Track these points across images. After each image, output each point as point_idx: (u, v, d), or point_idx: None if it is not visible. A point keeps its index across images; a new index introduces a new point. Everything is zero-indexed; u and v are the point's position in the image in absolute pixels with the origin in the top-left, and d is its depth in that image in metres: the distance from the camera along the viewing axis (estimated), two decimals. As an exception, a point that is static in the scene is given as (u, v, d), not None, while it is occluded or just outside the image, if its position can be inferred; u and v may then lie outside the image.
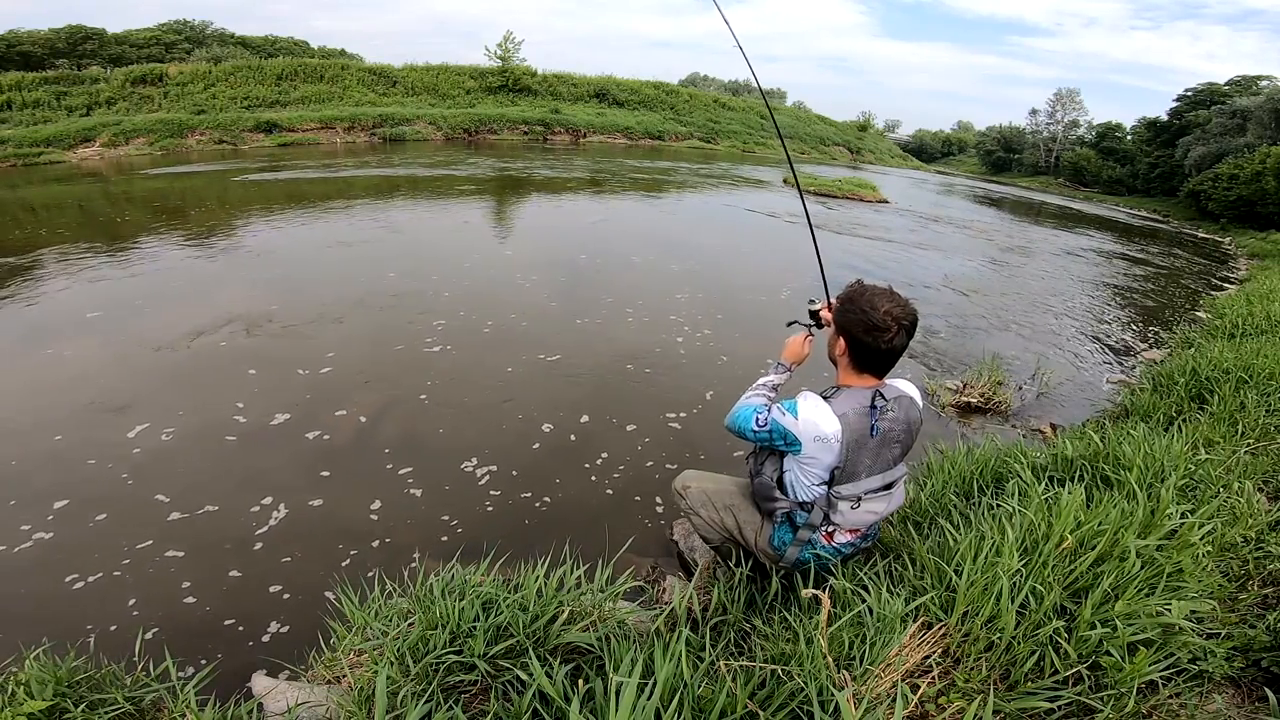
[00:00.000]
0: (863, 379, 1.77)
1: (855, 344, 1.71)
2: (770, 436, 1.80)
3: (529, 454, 3.47)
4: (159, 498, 2.95)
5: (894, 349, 1.67)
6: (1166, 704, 1.47)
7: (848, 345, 1.74)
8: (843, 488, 1.75)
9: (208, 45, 33.20)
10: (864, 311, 1.66)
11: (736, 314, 6.11)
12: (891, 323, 1.63)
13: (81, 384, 4.04)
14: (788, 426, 1.72)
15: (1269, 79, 37.13)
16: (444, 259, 7.51)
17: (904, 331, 1.65)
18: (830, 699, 1.29)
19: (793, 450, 1.77)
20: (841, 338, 1.76)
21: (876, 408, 1.72)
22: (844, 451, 1.69)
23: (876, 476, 1.78)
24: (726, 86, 66.41)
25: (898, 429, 1.78)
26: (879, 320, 1.63)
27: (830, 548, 1.90)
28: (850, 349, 1.74)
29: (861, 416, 1.71)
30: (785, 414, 1.73)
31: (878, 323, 1.64)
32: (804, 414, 1.70)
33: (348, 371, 4.35)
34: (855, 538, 1.92)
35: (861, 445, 1.72)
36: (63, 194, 11.97)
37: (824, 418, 1.68)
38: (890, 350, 1.67)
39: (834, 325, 1.80)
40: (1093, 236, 17.09)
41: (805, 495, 1.83)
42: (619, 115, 30.59)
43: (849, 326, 1.71)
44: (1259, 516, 2.22)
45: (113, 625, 2.23)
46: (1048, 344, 6.35)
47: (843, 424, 1.68)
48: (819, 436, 1.69)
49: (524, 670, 1.45)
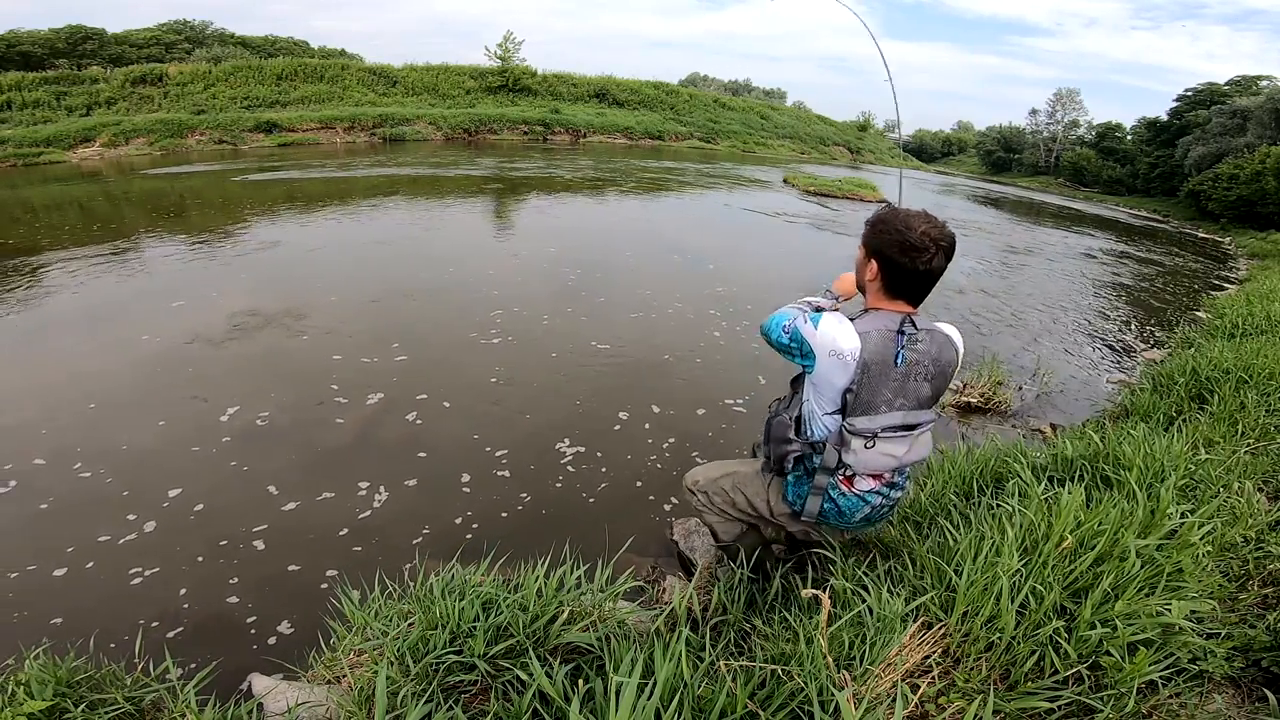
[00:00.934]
0: (894, 304, 1.62)
1: (888, 265, 1.57)
2: (790, 345, 1.66)
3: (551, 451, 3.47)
4: (161, 494, 2.96)
5: (932, 271, 1.53)
6: (1166, 704, 1.47)
7: (880, 267, 1.59)
8: (857, 420, 1.61)
9: (208, 45, 33.19)
10: (899, 231, 1.52)
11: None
12: (929, 243, 1.50)
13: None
14: (806, 335, 1.60)
15: (1269, 79, 37.16)
16: (491, 255, 7.76)
17: (942, 253, 1.52)
18: (830, 699, 1.29)
19: (807, 365, 1.65)
20: (873, 260, 1.60)
21: (905, 334, 1.57)
22: (859, 372, 1.56)
23: (897, 414, 1.62)
24: (726, 86, 66.50)
25: (926, 363, 1.62)
26: (916, 240, 1.50)
27: (853, 497, 1.75)
28: (883, 271, 1.59)
29: (886, 340, 1.57)
30: (807, 323, 1.61)
31: (915, 242, 1.50)
32: (824, 326, 1.58)
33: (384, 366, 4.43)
34: (880, 485, 1.76)
35: (882, 373, 1.58)
36: (69, 193, 11.98)
37: (844, 333, 1.56)
38: (928, 272, 1.53)
39: (863, 249, 1.65)
40: (1093, 236, 17.09)
41: (819, 432, 1.71)
42: (619, 115, 30.58)
43: (882, 247, 1.56)
44: (1259, 516, 2.22)
45: (112, 625, 2.23)
46: (1048, 344, 6.35)
47: (863, 342, 1.55)
48: (835, 351, 1.56)
49: (524, 670, 1.45)
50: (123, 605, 2.34)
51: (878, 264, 1.59)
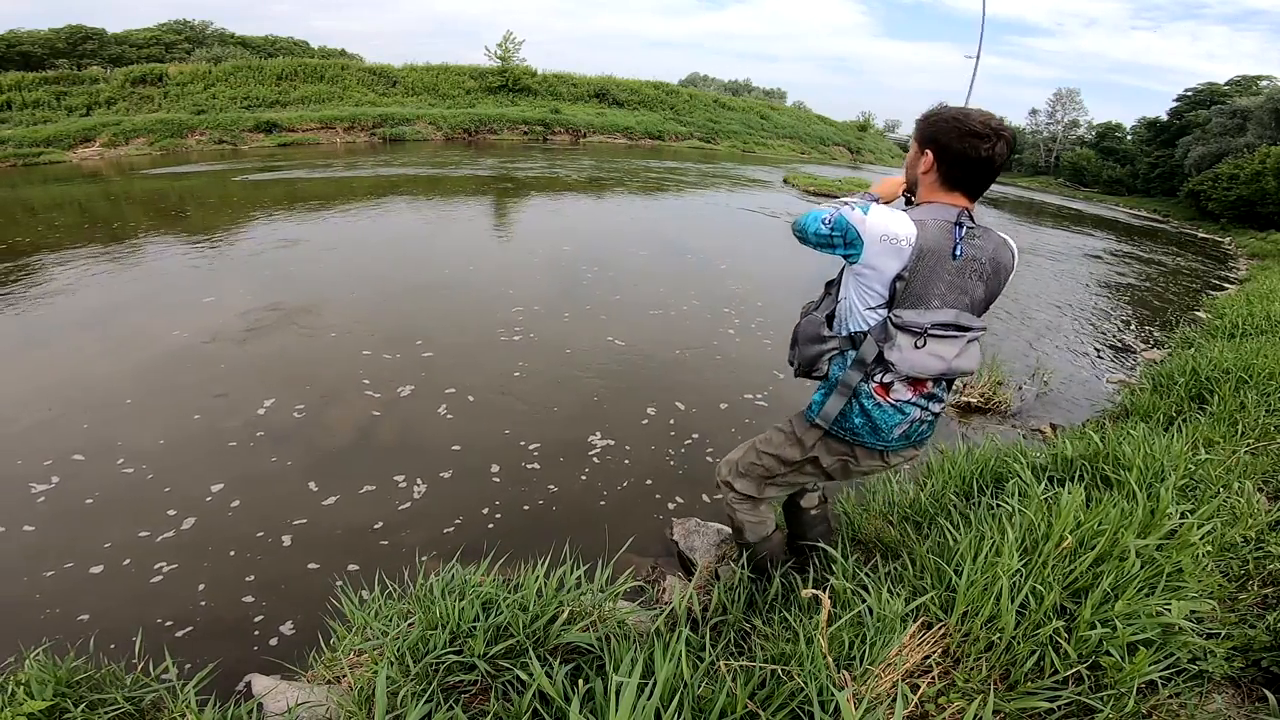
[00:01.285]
0: (951, 196, 1.49)
1: (946, 153, 1.44)
2: (831, 235, 1.51)
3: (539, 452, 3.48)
4: (202, 489, 2.99)
5: (993, 160, 1.42)
6: (1166, 704, 1.47)
7: (936, 157, 1.47)
8: (905, 313, 1.45)
9: (208, 45, 33.18)
10: (956, 119, 1.42)
11: (781, 314, 6.18)
12: (990, 130, 1.39)
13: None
14: (853, 222, 1.46)
15: (1269, 79, 37.16)
16: (508, 253, 7.91)
17: (1004, 142, 1.41)
18: (830, 699, 1.29)
19: (852, 253, 1.49)
20: (929, 150, 1.47)
21: (962, 226, 1.45)
22: (914, 259, 1.42)
23: (950, 311, 1.47)
24: (726, 86, 66.52)
25: (983, 260, 1.49)
26: (976, 126, 1.39)
27: (889, 407, 1.56)
28: (939, 161, 1.46)
29: (943, 231, 1.44)
30: (855, 210, 1.47)
31: (975, 129, 1.39)
32: (876, 213, 1.45)
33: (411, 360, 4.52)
34: (918, 395, 1.56)
35: (938, 264, 1.44)
36: (74, 194, 11.98)
37: (898, 219, 1.44)
38: (989, 159, 1.41)
39: (915, 144, 1.52)
40: (1093, 236, 17.09)
41: (858, 324, 1.55)
42: (619, 115, 30.57)
43: (938, 135, 1.45)
44: (1259, 516, 2.22)
45: (111, 625, 2.23)
46: (1048, 344, 6.35)
47: (919, 229, 1.42)
48: (888, 235, 1.42)
49: (524, 670, 1.45)
50: (145, 603, 2.34)
51: (933, 154, 1.47)
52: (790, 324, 1.79)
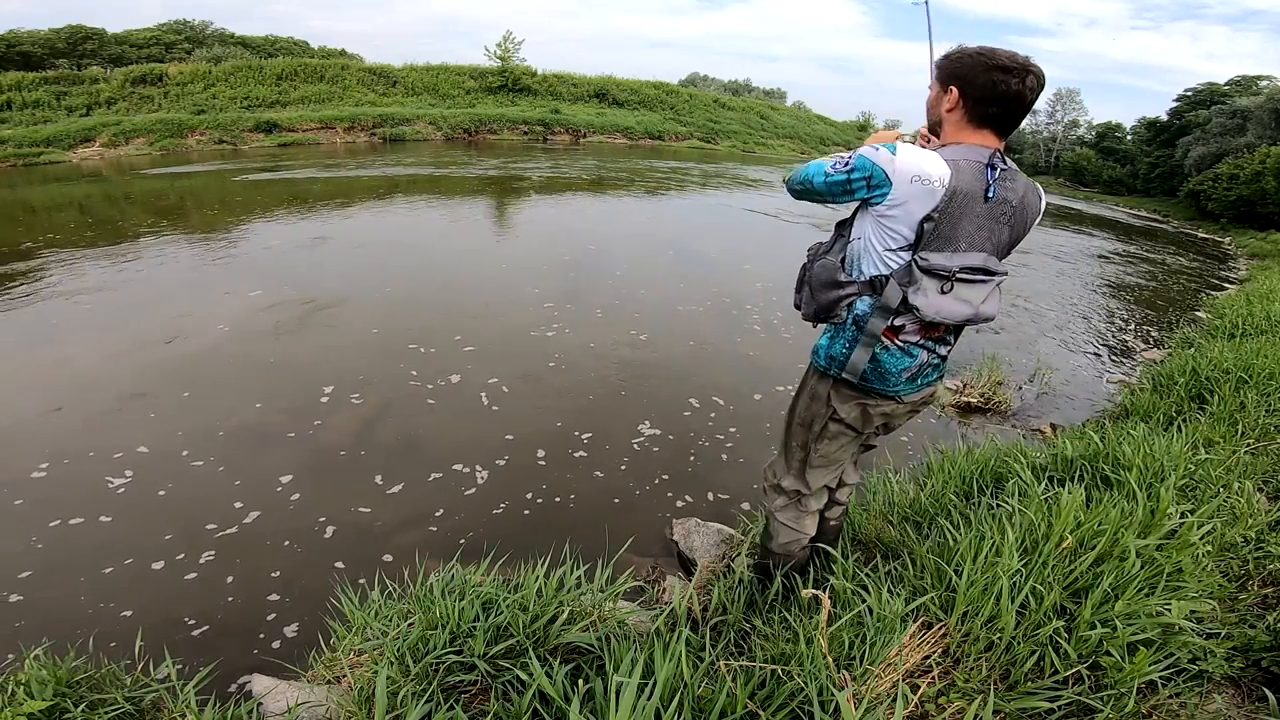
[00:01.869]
0: (981, 135, 1.39)
1: (973, 89, 1.36)
2: (849, 175, 1.39)
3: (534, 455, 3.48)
4: (270, 481, 3.03)
5: (1023, 94, 1.33)
6: (1166, 704, 1.47)
7: (962, 93, 1.37)
8: (932, 255, 1.36)
9: (208, 45, 33.16)
10: (982, 54, 1.35)
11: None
12: (1018, 65, 1.31)
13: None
14: (879, 161, 1.35)
15: (1269, 79, 37.13)
16: (537, 252, 8.14)
17: (1035, 77, 1.33)
18: (830, 699, 1.29)
19: (876, 195, 1.38)
20: (953, 88, 1.38)
21: (995, 167, 1.36)
22: (946, 200, 1.33)
23: (978, 254, 1.39)
24: (726, 86, 66.49)
25: (1013, 202, 1.41)
26: (1003, 60, 1.32)
27: (896, 350, 1.49)
28: (966, 97, 1.37)
29: (976, 172, 1.35)
30: (879, 150, 1.36)
31: (1003, 63, 1.31)
32: (905, 152, 1.34)
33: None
34: (927, 339, 1.50)
35: (969, 205, 1.35)
36: (93, 191, 11.99)
37: (930, 159, 1.33)
38: (1020, 94, 1.33)
39: (938, 84, 1.44)
40: (1093, 236, 17.09)
41: (877, 269, 1.44)
42: (619, 115, 30.57)
43: (964, 71, 1.36)
44: (1259, 516, 2.22)
45: (111, 625, 2.23)
46: (1048, 344, 6.35)
47: (953, 170, 1.33)
48: (920, 176, 1.32)
49: (524, 670, 1.45)
50: (144, 602, 2.34)
51: (959, 90, 1.38)
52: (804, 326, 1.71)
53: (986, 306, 1.46)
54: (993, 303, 1.48)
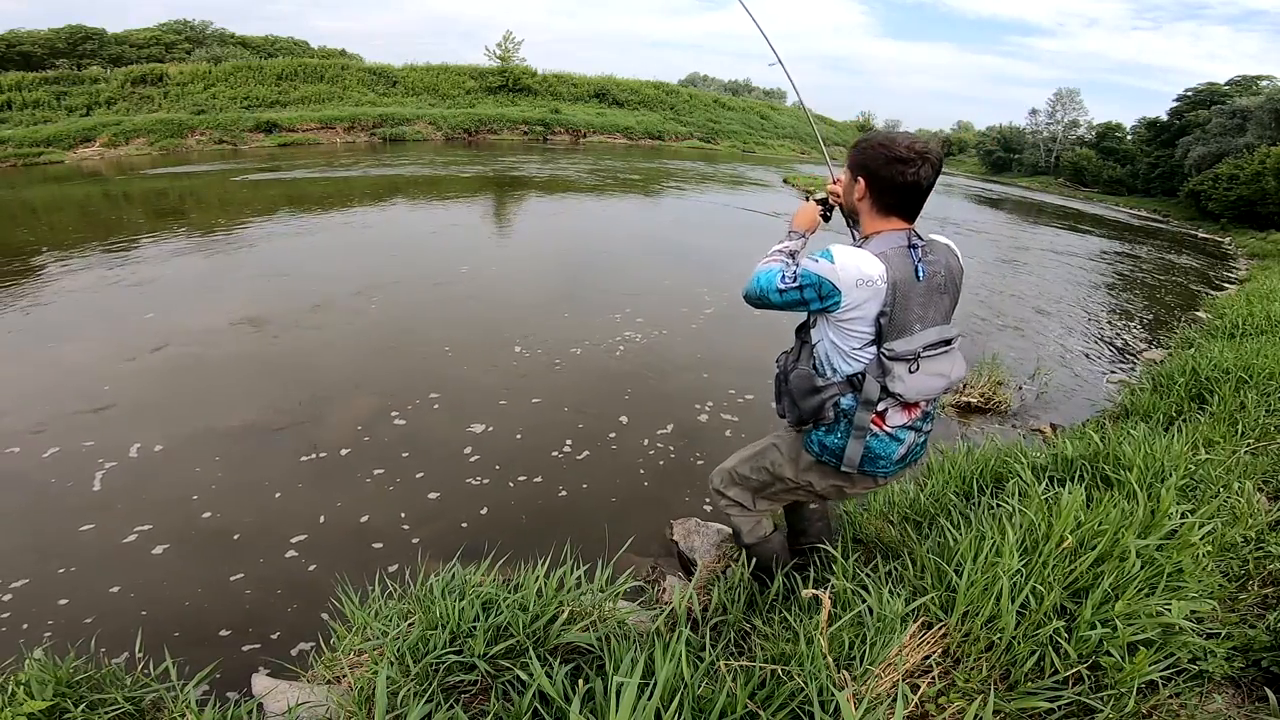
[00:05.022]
0: (891, 222, 1.56)
1: (877, 180, 1.52)
2: (801, 292, 1.53)
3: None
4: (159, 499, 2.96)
5: (920, 182, 1.48)
6: (1166, 704, 1.47)
7: (868, 184, 1.54)
8: (895, 344, 1.50)
9: (208, 45, 33.16)
10: (883, 145, 1.49)
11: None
12: (914, 155, 1.46)
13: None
14: (823, 274, 1.48)
15: (1269, 79, 37.11)
16: (570, 249, 8.56)
17: (929, 165, 1.47)
18: (830, 699, 1.29)
19: (830, 304, 1.50)
20: (861, 178, 1.55)
21: (915, 247, 1.52)
22: (891, 293, 1.46)
23: (932, 330, 1.54)
24: (726, 86, 66.48)
25: (942, 273, 1.56)
26: (901, 152, 1.46)
27: (885, 436, 1.60)
28: (872, 187, 1.54)
29: (903, 257, 1.50)
30: (819, 261, 1.49)
31: (900, 154, 1.46)
32: (842, 258, 1.47)
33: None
34: (914, 418, 1.63)
35: (909, 291, 1.50)
36: (81, 193, 11.98)
37: (865, 259, 1.47)
38: (917, 184, 1.48)
39: (850, 171, 1.60)
40: (1093, 236, 17.09)
41: (850, 367, 1.57)
42: (619, 115, 30.58)
43: (868, 162, 1.52)
44: (1259, 516, 2.22)
45: (111, 625, 2.23)
46: (1048, 344, 6.35)
47: (886, 264, 1.46)
48: (863, 279, 1.45)
49: (524, 670, 1.45)
50: (145, 602, 2.34)
51: (865, 181, 1.55)
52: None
53: (955, 371, 1.59)
54: (959, 366, 1.62)
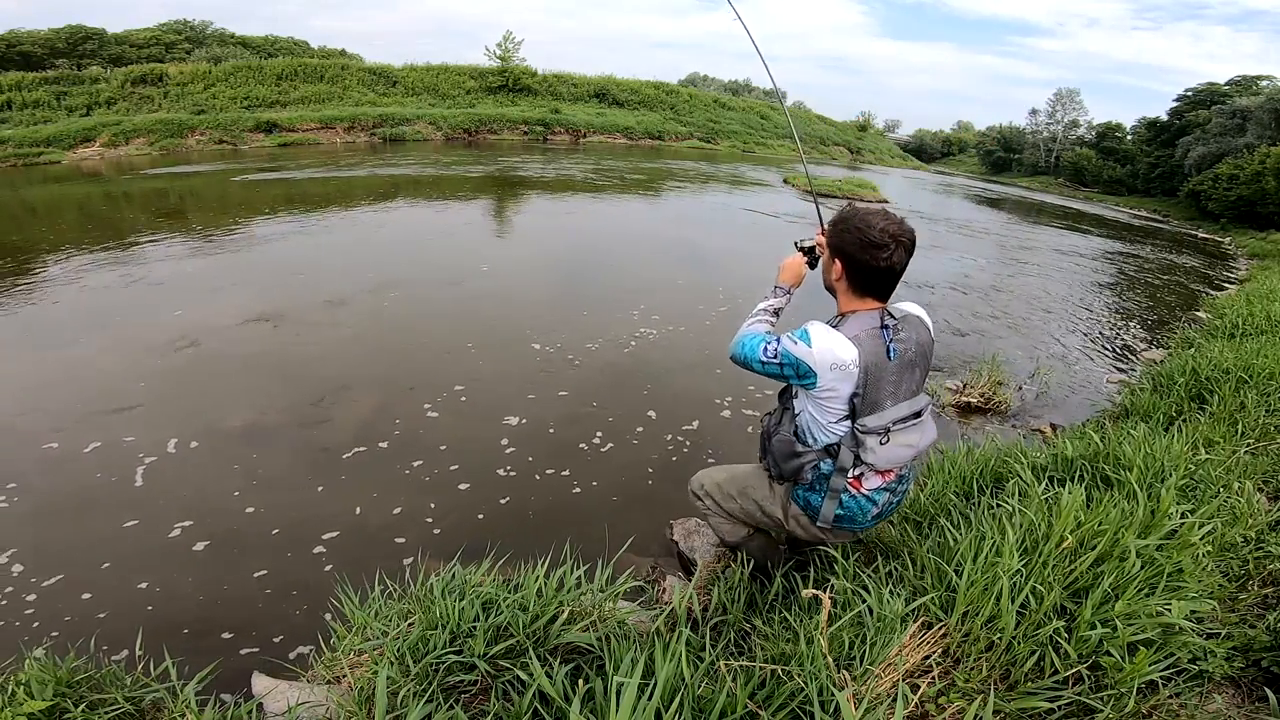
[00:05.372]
0: (865, 302, 1.67)
1: (852, 264, 1.62)
2: (781, 368, 1.65)
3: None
4: (166, 507, 2.96)
5: (894, 266, 1.58)
6: (1166, 704, 1.47)
7: (845, 267, 1.65)
8: (867, 420, 1.62)
9: (208, 45, 33.16)
10: (859, 229, 1.58)
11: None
12: (889, 239, 1.55)
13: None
14: (801, 356, 1.59)
15: (1269, 79, 37.11)
16: (594, 248, 8.73)
17: (902, 248, 1.57)
18: (830, 699, 1.29)
19: (806, 383, 1.63)
20: (838, 260, 1.66)
21: (887, 328, 1.63)
22: (863, 376, 1.58)
23: (903, 404, 1.67)
24: (726, 86, 66.39)
25: (912, 350, 1.67)
26: (875, 237, 1.55)
27: (862, 498, 1.74)
28: (848, 270, 1.65)
29: (875, 339, 1.61)
30: (798, 343, 1.60)
31: (874, 239, 1.55)
32: (818, 342, 1.58)
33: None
34: (888, 481, 1.76)
35: (881, 371, 1.61)
36: (81, 193, 11.98)
37: (839, 344, 1.57)
38: (890, 268, 1.59)
39: (828, 249, 1.70)
40: (1093, 236, 17.09)
41: (828, 438, 1.70)
42: (619, 115, 30.56)
43: (844, 246, 1.62)
44: (1259, 516, 2.22)
45: (112, 625, 2.23)
46: (1048, 344, 6.35)
47: (858, 348, 1.58)
48: (836, 364, 1.57)
49: (524, 670, 1.45)
50: (145, 602, 2.34)
51: (842, 263, 1.65)
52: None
53: (924, 440, 1.72)
54: (929, 433, 1.74)
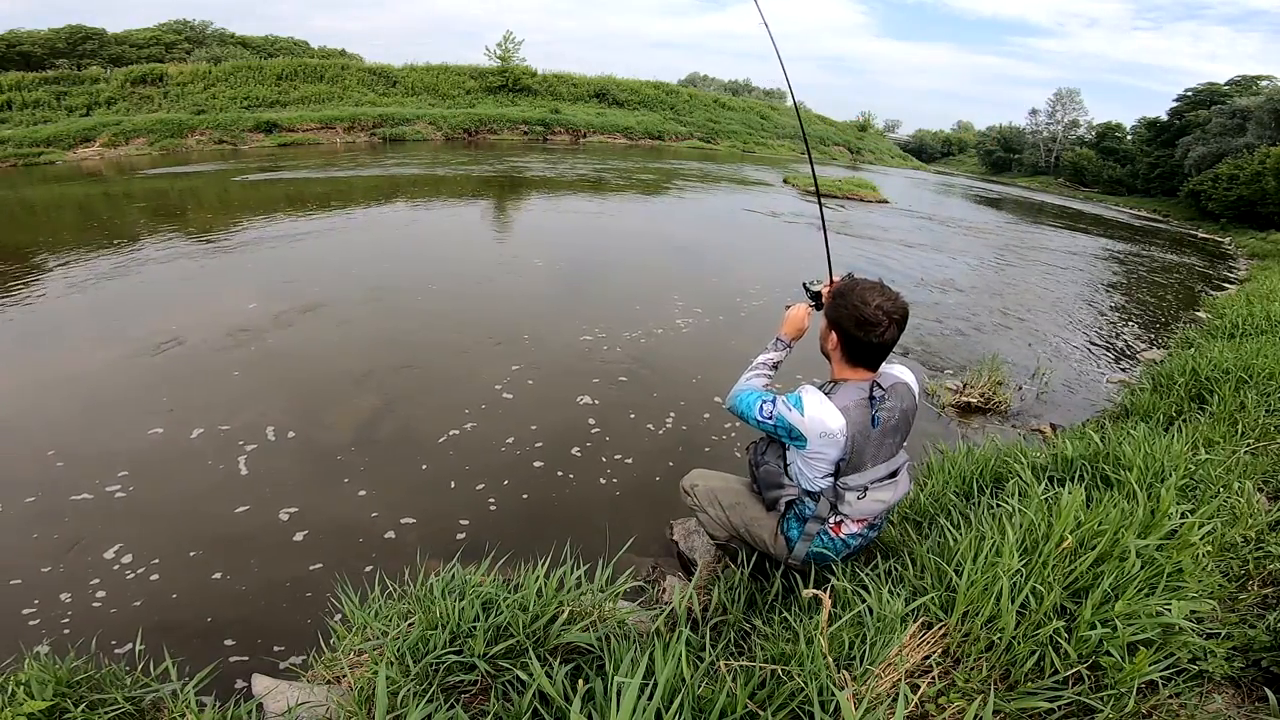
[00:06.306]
0: (857, 372, 1.80)
1: (848, 338, 1.74)
2: (775, 429, 1.80)
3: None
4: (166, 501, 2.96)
5: (885, 343, 1.71)
6: (1166, 704, 1.47)
7: (840, 340, 1.78)
8: (849, 479, 1.76)
9: (208, 45, 33.16)
10: (855, 306, 1.68)
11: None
12: (883, 317, 1.66)
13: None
14: (794, 423, 1.73)
15: (1269, 79, 37.08)
16: (608, 248, 8.82)
17: (895, 325, 1.68)
18: (830, 699, 1.29)
19: (797, 445, 1.78)
20: (834, 332, 1.79)
21: (875, 398, 1.75)
22: (849, 444, 1.71)
23: (881, 465, 1.80)
24: (726, 86, 66.49)
25: (896, 417, 1.80)
26: (870, 315, 1.66)
27: (839, 540, 1.89)
28: (843, 343, 1.77)
29: (863, 410, 1.74)
30: (791, 409, 1.73)
31: (869, 317, 1.66)
32: (810, 411, 1.70)
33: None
34: (863, 528, 1.91)
35: (865, 438, 1.74)
36: (81, 193, 11.98)
37: (829, 414, 1.70)
38: (882, 345, 1.71)
39: (826, 319, 1.83)
40: (1093, 236, 17.09)
41: (811, 486, 1.85)
42: (619, 115, 30.56)
43: (841, 321, 1.74)
44: (1259, 516, 2.22)
45: (111, 624, 2.23)
46: (1048, 344, 6.35)
47: (846, 419, 1.70)
48: (825, 433, 1.70)
49: (524, 670, 1.45)
50: (144, 602, 2.34)
51: (838, 336, 1.78)
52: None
53: (897, 495, 1.86)
54: (902, 488, 1.87)
